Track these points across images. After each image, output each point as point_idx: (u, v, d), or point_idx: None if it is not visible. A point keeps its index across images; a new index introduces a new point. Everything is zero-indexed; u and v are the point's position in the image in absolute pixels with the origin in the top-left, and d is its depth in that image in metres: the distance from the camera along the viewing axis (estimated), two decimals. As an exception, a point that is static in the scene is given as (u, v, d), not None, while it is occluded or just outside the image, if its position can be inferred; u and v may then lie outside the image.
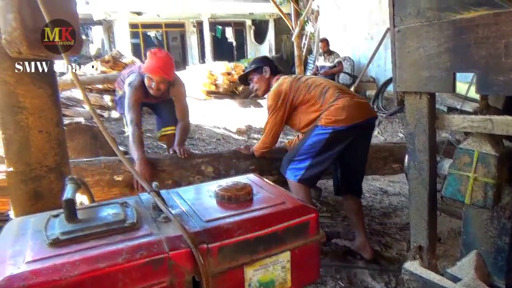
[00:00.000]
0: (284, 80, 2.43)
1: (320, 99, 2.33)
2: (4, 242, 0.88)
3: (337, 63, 7.61)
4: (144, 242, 0.85)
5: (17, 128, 1.32)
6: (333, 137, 2.24)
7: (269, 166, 2.62)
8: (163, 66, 2.58)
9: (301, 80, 2.43)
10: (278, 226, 0.93)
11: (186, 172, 2.47)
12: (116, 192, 2.31)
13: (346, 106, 2.24)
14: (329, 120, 2.24)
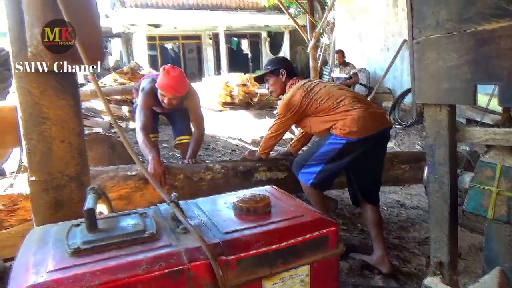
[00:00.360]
0: (297, 92, 2.43)
1: (334, 109, 2.33)
2: (27, 251, 0.89)
3: (353, 74, 7.59)
4: (164, 253, 0.85)
5: (40, 138, 1.35)
6: (346, 148, 2.26)
7: (276, 162, 2.74)
8: (175, 85, 2.63)
9: (314, 91, 2.43)
10: (297, 239, 0.92)
11: (196, 168, 2.60)
12: (132, 184, 2.39)
13: (362, 118, 2.24)
14: (343, 131, 2.25)
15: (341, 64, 7.75)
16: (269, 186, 1.29)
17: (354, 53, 8.93)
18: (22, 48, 1.28)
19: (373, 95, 7.67)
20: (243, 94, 8.84)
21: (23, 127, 1.35)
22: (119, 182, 2.40)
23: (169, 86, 2.62)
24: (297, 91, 2.44)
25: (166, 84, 2.62)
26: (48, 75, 1.32)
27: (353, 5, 8.99)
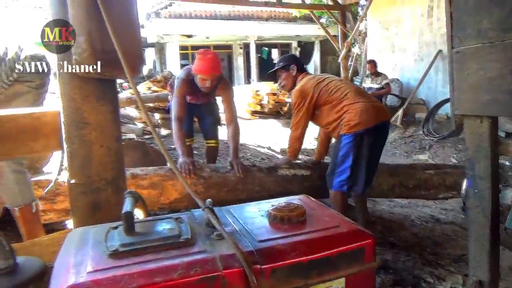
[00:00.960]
0: (308, 81, 2.65)
1: (341, 102, 2.55)
2: (67, 251, 0.92)
3: (385, 85, 7.46)
4: (199, 259, 0.85)
5: (81, 142, 1.40)
6: (358, 141, 2.46)
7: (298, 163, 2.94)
8: (212, 65, 2.79)
9: (324, 83, 2.64)
10: (332, 251, 0.91)
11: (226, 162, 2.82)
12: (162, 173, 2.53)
13: (365, 110, 2.46)
14: (349, 126, 2.47)
15: (373, 74, 7.65)
16: (303, 195, 1.28)
17: (387, 64, 8.78)
18: (67, 56, 1.34)
19: (406, 106, 7.49)
20: (273, 103, 8.87)
21: (65, 132, 1.41)
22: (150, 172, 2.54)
23: (207, 67, 2.77)
24: (308, 82, 2.65)
25: (204, 66, 2.76)
26: (90, 82, 1.37)
27: (386, 16, 8.87)
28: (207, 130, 3.49)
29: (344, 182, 2.51)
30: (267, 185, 2.69)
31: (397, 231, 3.07)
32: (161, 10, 13.83)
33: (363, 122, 2.45)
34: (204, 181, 2.56)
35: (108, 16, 1.23)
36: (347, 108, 2.51)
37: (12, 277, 0.95)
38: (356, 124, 2.45)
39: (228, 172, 2.67)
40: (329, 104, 2.59)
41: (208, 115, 3.43)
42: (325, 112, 2.62)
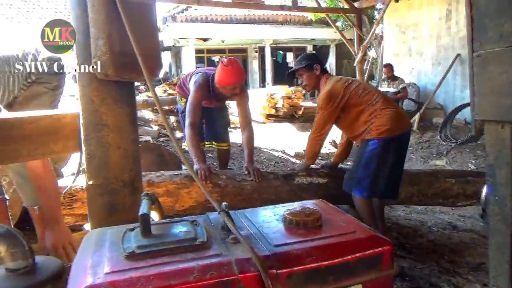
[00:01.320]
0: (337, 83, 2.61)
1: (371, 106, 2.52)
2: (85, 252, 0.93)
3: (402, 89, 7.37)
4: (214, 262, 0.85)
5: (99, 144, 1.41)
6: (385, 148, 2.44)
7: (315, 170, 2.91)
8: (238, 75, 2.79)
9: (353, 85, 2.61)
10: (349, 256, 0.89)
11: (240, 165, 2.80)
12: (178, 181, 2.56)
13: (395, 117, 2.46)
14: (378, 131, 2.44)
15: (389, 78, 7.57)
16: (318, 200, 1.26)
17: (403, 68, 8.69)
18: (87, 59, 1.36)
19: (423, 111, 7.38)
20: (288, 106, 8.85)
21: (84, 133, 1.43)
22: (166, 179, 2.56)
23: (234, 77, 2.77)
24: (337, 83, 2.61)
25: (230, 77, 2.77)
26: (108, 85, 1.39)
27: (403, 19, 8.78)
28: (219, 133, 3.45)
29: (366, 187, 2.48)
30: (283, 194, 2.68)
31: (414, 238, 3.02)
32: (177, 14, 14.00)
33: (392, 129, 2.44)
34: (220, 190, 2.57)
35: (128, 20, 1.24)
36: (377, 113, 2.49)
37: (30, 277, 0.96)
38: (385, 130, 2.43)
39: (244, 180, 2.66)
40: (358, 107, 2.56)
41: (219, 118, 3.40)
42: (352, 115, 2.59)
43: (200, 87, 2.85)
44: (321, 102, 2.62)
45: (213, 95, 2.93)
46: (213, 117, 3.36)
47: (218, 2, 7.40)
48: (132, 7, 1.30)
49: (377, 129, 2.46)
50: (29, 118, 1.50)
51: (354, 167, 2.58)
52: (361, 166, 2.49)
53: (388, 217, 3.39)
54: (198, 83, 2.86)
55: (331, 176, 2.85)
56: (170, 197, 2.50)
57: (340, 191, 2.75)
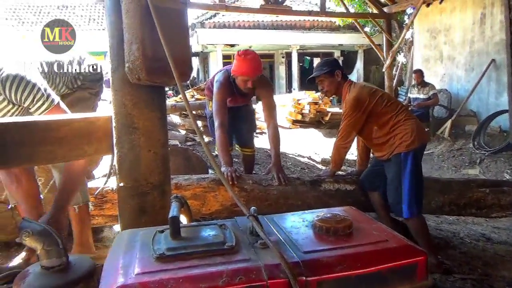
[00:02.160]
0: (362, 89, 2.57)
1: (395, 117, 2.49)
2: (116, 252, 0.94)
3: (432, 95, 7.17)
4: (243, 267, 0.85)
5: (130, 147, 1.44)
6: (416, 159, 2.43)
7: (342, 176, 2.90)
8: (255, 65, 2.79)
9: (377, 93, 2.58)
10: (382, 266, 0.87)
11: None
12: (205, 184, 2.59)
13: (416, 128, 2.45)
14: (407, 142, 2.41)
15: (419, 84, 7.38)
16: (348, 207, 1.24)
17: (434, 73, 8.47)
18: (120, 64, 1.39)
19: (454, 118, 7.16)
20: (314, 112, 8.79)
21: (116, 136, 1.46)
22: (193, 182, 2.59)
23: (250, 68, 2.76)
24: (362, 90, 2.56)
25: (246, 67, 2.75)
26: (140, 89, 1.42)
27: (435, 24, 8.57)
28: (244, 137, 3.44)
29: (416, 206, 2.41)
30: (309, 200, 2.65)
31: (445, 249, 2.92)
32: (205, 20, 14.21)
33: (418, 139, 2.42)
34: (246, 194, 2.57)
35: (160, 25, 1.27)
36: (400, 124, 2.46)
37: (64, 275, 0.99)
38: (412, 141, 2.40)
39: (270, 185, 2.65)
40: (382, 117, 2.52)
41: (244, 122, 3.39)
42: (376, 123, 2.55)
43: (222, 85, 2.85)
44: (347, 108, 2.57)
45: (236, 92, 2.92)
46: (239, 121, 3.35)
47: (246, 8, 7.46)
48: (165, 13, 1.32)
49: (404, 141, 2.42)
50: (64, 121, 1.55)
51: (395, 188, 2.48)
52: (405, 187, 2.42)
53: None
54: (220, 82, 2.87)
55: (358, 183, 2.80)
56: (196, 200, 2.52)
57: (368, 198, 2.70)
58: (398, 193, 2.44)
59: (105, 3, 1.43)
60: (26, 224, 0.99)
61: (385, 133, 2.52)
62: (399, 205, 2.44)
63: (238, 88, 2.89)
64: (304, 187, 2.72)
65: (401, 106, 2.57)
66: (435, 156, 6.73)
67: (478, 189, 2.85)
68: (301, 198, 2.66)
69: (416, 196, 2.41)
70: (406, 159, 2.41)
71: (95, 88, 2.21)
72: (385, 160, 2.54)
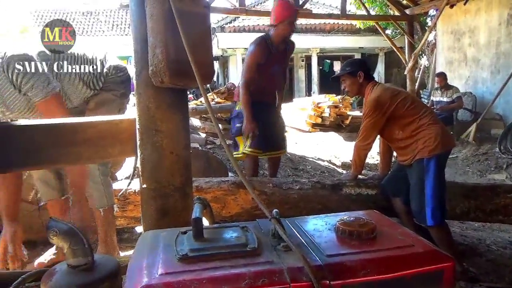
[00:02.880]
0: (385, 91, 2.55)
1: (418, 120, 2.45)
2: (140, 253, 0.96)
3: (456, 98, 7.01)
4: (266, 270, 0.84)
5: (153, 149, 1.46)
6: (440, 164, 2.38)
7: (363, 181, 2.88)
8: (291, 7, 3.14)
9: (400, 95, 2.54)
10: (407, 271, 0.85)
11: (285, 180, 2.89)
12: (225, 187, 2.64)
13: (441, 133, 2.40)
14: (429, 148, 2.36)
15: (442, 87, 7.22)
16: (371, 210, 1.22)
17: (458, 76, 8.29)
18: (144, 67, 1.41)
19: (480, 121, 6.97)
20: (334, 115, 8.72)
21: (139, 138, 1.48)
22: (214, 185, 2.63)
23: (292, 9, 3.10)
24: (385, 91, 2.55)
25: (289, 9, 3.07)
26: (163, 91, 1.43)
27: (459, 25, 8.39)
28: (277, 142, 3.39)
29: (440, 213, 2.36)
30: (330, 204, 2.63)
31: (470, 257, 2.83)
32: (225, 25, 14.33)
33: (441, 145, 2.37)
34: (266, 197, 2.58)
35: (183, 29, 1.28)
36: (423, 128, 2.41)
37: (90, 274, 1.01)
38: (435, 146, 2.35)
39: (291, 188, 2.66)
40: (404, 119, 2.49)
41: (277, 119, 3.47)
42: (397, 126, 2.52)
43: (258, 45, 3.05)
44: (367, 109, 2.57)
45: (275, 51, 3.12)
46: (270, 119, 3.34)
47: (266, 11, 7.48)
48: (188, 17, 1.33)
49: (427, 146, 2.37)
50: (90, 123, 1.59)
51: (417, 195, 2.42)
52: (428, 193, 2.36)
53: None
54: (255, 43, 3.07)
55: (380, 188, 2.76)
56: (217, 203, 2.54)
57: (390, 204, 2.66)
58: (421, 199, 2.38)
59: (130, 8, 1.46)
60: (53, 223, 1.02)
61: (407, 136, 2.48)
62: (422, 212, 2.38)
63: (275, 47, 3.11)
64: (324, 191, 2.70)
65: (425, 110, 2.52)
66: (459, 161, 6.57)
67: (506, 194, 2.76)
68: (321, 202, 2.64)
69: (439, 203, 2.35)
70: (429, 165, 2.36)
71: (119, 90, 2.23)
72: (408, 165, 2.49)
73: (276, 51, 3.14)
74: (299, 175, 5.14)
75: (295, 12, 3.08)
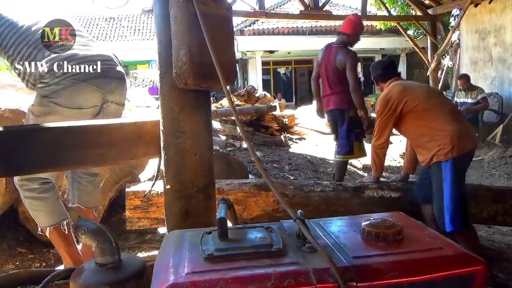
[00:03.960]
0: (394, 87, 2.51)
1: (432, 118, 2.36)
2: (166, 252, 0.97)
3: (481, 99, 6.83)
4: (291, 270, 0.84)
5: (177, 150, 1.48)
6: (457, 166, 2.27)
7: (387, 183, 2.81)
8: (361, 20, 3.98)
9: (412, 88, 2.52)
10: (436, 274, 0.83)
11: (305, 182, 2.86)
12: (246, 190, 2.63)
13: (458, 134, 2.28)
14: (445, 151, 2.26)
15: (466, 89, 7.05)
16: (396, 212, 1.20)
17: (483, 76, 8.07)
18: (168, 70, 1.43)
19: (506, 123, 6.77)
20: (355, 117, 8.60)
21: (163, 140, 1.50)
22: (235, 187, 2.63)
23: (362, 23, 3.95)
24: (394, 88, 2.51)
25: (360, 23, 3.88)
26: (187, 93, 1.45)
27: (484, 24, 8.18)
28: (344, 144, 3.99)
29: (460, 217, 2.28)
30: (352, 207, 2.60)
31: (498, 262, 2.75)
32: (245, 28, 14.40)
33: (458, 147, 2.27)
34: (287, 200, 2.57)
35: (207, 31, 1.29)
36: (440, 128, 2.33)
37: (117, 272, 1.03)
38: (451, 149, 2.26)
39: (312, 191, 2.65)
40: (417, 116, 2.41)
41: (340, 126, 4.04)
42: (412, 123, 2.45)
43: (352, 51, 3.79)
44: (378, 107, 2.57)
45: None
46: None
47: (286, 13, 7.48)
48: (212, 19, 1.35)
49: (442, 148, 2.28)
50: (115, 125, 1.62)
51: (437, 200, 2.35)
52: (446, 198, 2.28)
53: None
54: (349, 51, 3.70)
55: (403, 190, 2.71)
56: (238, 205, 2.54)
57: (414, 207, 2.59)
58: (440, 204, 2.31)
59: (154, 12, 1.48)
60: (82, 222, 1.04)
61: (420, 134, 2.41)
62: (441, 217, 2.30)
63: None
64: (346, 193, 2.67)
65: (444, 108, 2.43)
66: (485, 163, 6.38)
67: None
68: (343, 205, 2.62)
69: (459, 208, 2.26)
70: (446, 168, 2.28)
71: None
72: (428, 166, 2.43)
73: None
74: (320, 177, 5.11)
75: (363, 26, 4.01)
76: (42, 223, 2.04)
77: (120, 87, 2.11)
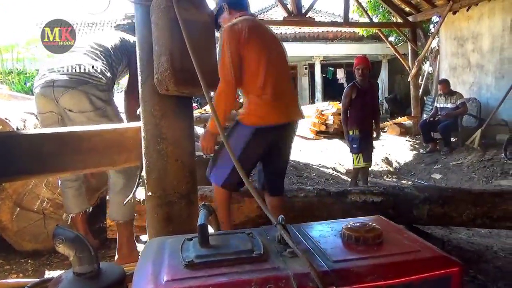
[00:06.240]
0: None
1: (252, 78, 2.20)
2: (146, 259, 0.96)
3: (461, 104, 7.00)
4: (272, 275, 0.84)
5: (158, 156, 1.47)
6: (255, 136, 2.17)
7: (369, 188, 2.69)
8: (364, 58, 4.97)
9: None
10: (414, 276, 0.84)
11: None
12: None
13: (272, 105, 2.16)
14: (252, 117, 2.19)
15: (446, 94, 7.22)
16: (376, 216, 1.21)
17: (462, 82, 8.27)
18: (150, 76, 1.43)
19: (484, 127, 6.95)
20: (338, 122, 8.71)
21: (145, 146, 1.49)
22: None
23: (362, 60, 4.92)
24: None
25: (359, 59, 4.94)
26: (168, 99, 1.44)
27: (462, 31, 8.40)
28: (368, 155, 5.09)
29: (223, 176, 2.28)
30: (335, 213, 2.62)
31: (477, 263, 2.80)
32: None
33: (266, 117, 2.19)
34: None
35: (188, 37, 1.29)
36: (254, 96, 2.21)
37: (95, 281, 1.01)
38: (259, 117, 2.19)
39: (295, 196, 2.66)
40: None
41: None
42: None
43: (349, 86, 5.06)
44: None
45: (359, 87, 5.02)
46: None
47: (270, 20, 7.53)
48: (193, 25, 1.35)
49: (250, 114, 2.22)
50: (95, 131, 1.60)
51: (218, 151, 2.41)
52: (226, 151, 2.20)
53: (448, 239, 3.19)
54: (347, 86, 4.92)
55: (386, 195, 2.75)
56: (221, 211, 2.53)
57: (397, 211, 2.64)
58: (217, 155, 2.44)
59: (135, 17, 1.48)
60: (60, 231, 1.02)
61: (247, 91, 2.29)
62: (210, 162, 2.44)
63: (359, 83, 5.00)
64: (330, 198, 2.69)
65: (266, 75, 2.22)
66: (464, 167, 6.53)
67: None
68: (327, 210, 2.64)
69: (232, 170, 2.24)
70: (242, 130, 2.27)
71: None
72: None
73: (360, 87, 4.88)
74: (304, 182, 5.13)
75: (364, 62, 4.89)
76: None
77: (68, 95, 2.26)
